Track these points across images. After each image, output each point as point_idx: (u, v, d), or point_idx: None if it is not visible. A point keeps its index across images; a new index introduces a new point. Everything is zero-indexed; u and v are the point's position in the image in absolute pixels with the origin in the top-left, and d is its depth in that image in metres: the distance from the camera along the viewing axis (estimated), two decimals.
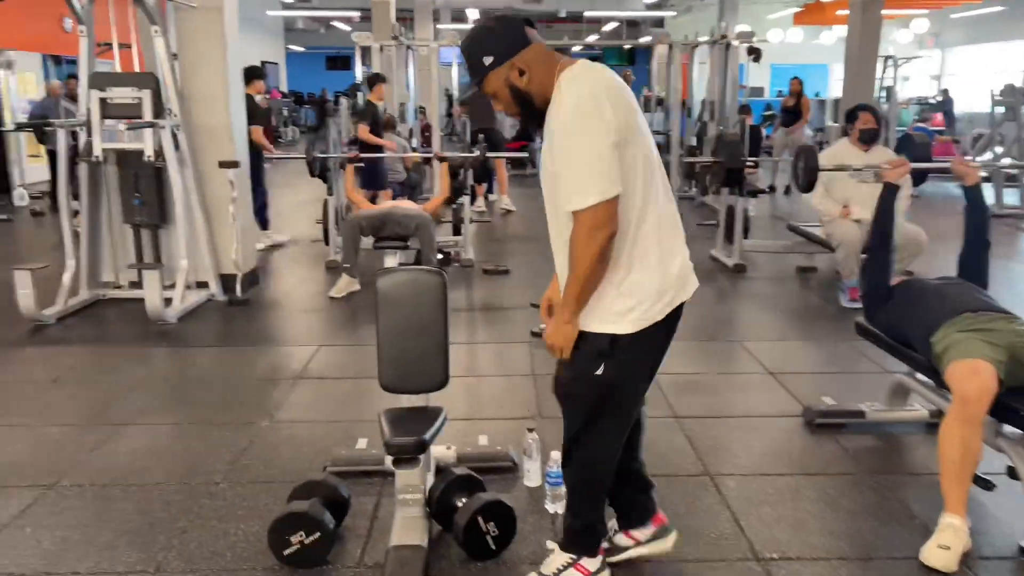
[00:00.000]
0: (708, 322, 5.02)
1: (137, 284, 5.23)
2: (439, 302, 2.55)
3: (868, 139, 5.14)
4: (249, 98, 6.50)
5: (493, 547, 2.32)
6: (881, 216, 3.14)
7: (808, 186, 5.00)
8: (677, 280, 1.94)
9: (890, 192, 3.17)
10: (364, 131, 7.70)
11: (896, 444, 3.21)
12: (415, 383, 2.53)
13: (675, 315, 1.97)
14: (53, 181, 8.04)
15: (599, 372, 1.91)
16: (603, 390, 1.93)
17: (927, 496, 2.62)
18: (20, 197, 9.56)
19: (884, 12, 11.48)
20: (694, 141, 10.24)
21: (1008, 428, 2.52)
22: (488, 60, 1.86)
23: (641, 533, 2.25)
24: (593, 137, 1.73)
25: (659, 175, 1.92)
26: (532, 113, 1.91)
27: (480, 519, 2.29)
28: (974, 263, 3.05)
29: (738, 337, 4.68)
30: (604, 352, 1.90)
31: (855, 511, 2.63)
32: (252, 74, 6.95)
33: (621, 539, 2.26)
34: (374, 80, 8.25)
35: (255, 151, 6.57)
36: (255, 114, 6.54)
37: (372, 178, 7.65)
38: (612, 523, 2.28)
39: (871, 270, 3.16)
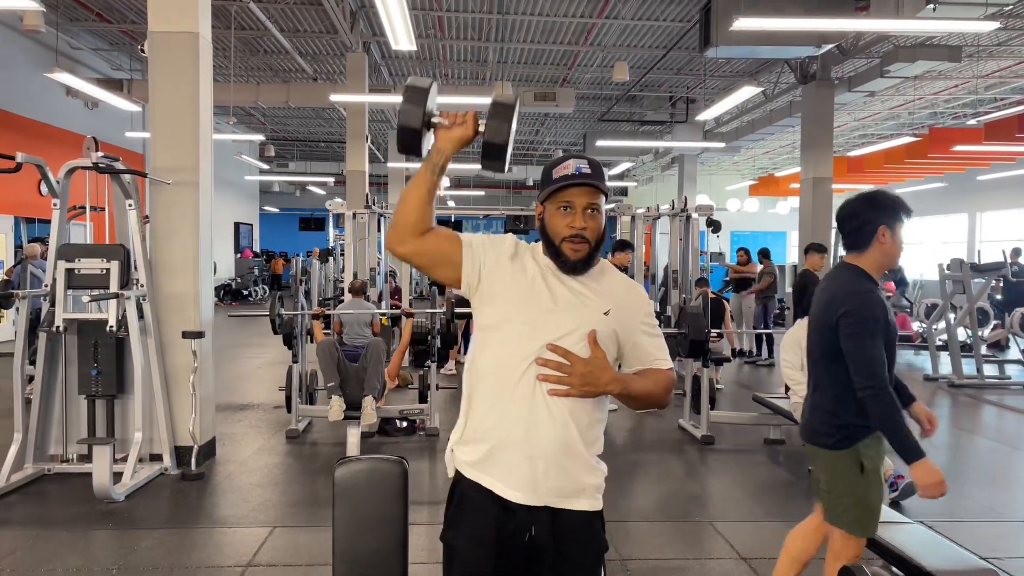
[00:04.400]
0: (678, 499, 4.91)
1: (86, 458, 5.02)
2: (399, 494, 2.44)
3: None
4: None
5: None
6: None
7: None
8: None
9: None
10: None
11: None
12: None
13: None
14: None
15: None
16: None
17: None
18: None
19: (834, 186, 12.22)
20: (657, 307, 10.45)
21: None
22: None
23: None
24: None
25: None
26: (593, 255, 1.85)
27: None
28: None
29: (708, 516, 4.55)
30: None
31: None
32: None
33: None
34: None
35: None
36: None
37: None
38: None
39: None
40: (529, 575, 1.82)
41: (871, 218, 2.60)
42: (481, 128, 1.85)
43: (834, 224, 9.24)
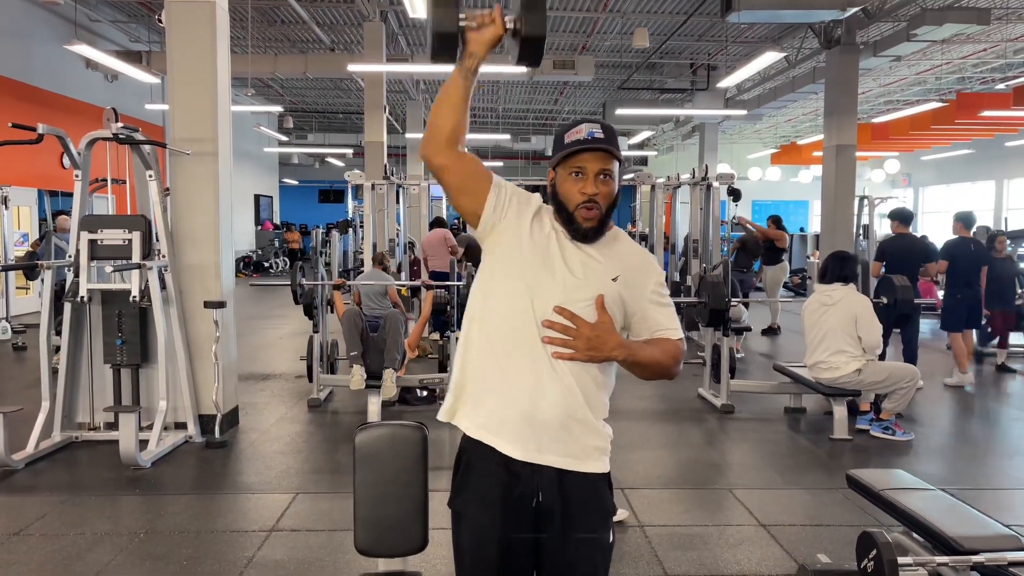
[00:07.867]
0: (698, 466, 4.92)
1: (113, 425, 5.11)
2: (418, 460, 2.46)
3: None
4: None
5: None
6: None
7: None
8: None
9: None
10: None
11: None
12: (391, 546, 2.40)
13: None
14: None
15: (612, 540, 1.85)
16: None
17: None
18: (3, 331, 9.46)
19: (858, 154, 12.03)
20: (677, 277, 10.38)
21: None
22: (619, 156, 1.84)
23: None
24: None
25: None
26: (605, 222, 1.83)
27: None
28: None
29: (728, 484, 4.56)
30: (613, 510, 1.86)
31: None
32: None
33: None
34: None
35: None
36: None
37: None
38: None
39: None
40: (537, 539, 1.82)
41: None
42: (509, 24, 1.79)
43: (857, 192, 9.52)
